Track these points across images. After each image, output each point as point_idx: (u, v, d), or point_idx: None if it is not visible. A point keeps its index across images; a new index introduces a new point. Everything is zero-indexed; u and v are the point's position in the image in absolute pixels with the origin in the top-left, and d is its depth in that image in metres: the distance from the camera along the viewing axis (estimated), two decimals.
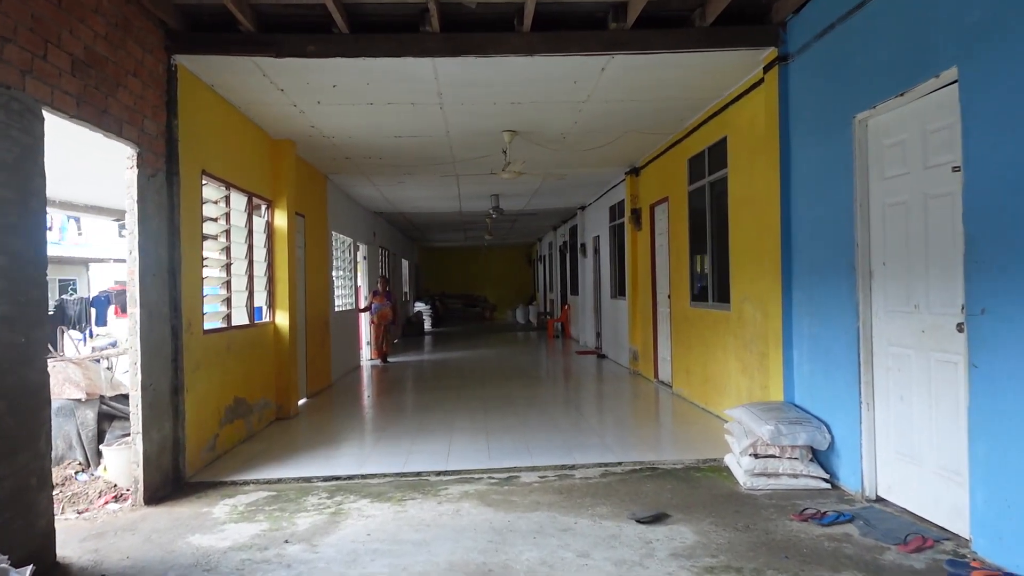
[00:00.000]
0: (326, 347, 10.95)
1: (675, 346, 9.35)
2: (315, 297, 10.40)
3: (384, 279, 15.13)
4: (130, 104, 5.01)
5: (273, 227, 8.37)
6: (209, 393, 6.26)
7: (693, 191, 8.58)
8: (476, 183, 12.47)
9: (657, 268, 10.47)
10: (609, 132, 8.66)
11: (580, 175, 12.18)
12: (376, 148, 9.25)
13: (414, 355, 16.29)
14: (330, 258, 11.60)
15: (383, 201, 14.73)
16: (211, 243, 6.68)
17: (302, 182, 9.72)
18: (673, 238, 9.38)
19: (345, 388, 11.03)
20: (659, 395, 9.50)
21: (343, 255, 13.29)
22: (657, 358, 10.48)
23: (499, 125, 8.18)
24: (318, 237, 10.75)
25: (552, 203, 16.02)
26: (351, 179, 11.72)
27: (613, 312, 13.65)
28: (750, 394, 6.71)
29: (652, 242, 10.63)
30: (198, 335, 6.04)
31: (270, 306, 8.27)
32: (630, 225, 11.49)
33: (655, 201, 10.34)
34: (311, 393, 9.90)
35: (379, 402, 9.89)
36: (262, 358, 7.84)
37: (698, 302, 8.45)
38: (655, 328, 10.52)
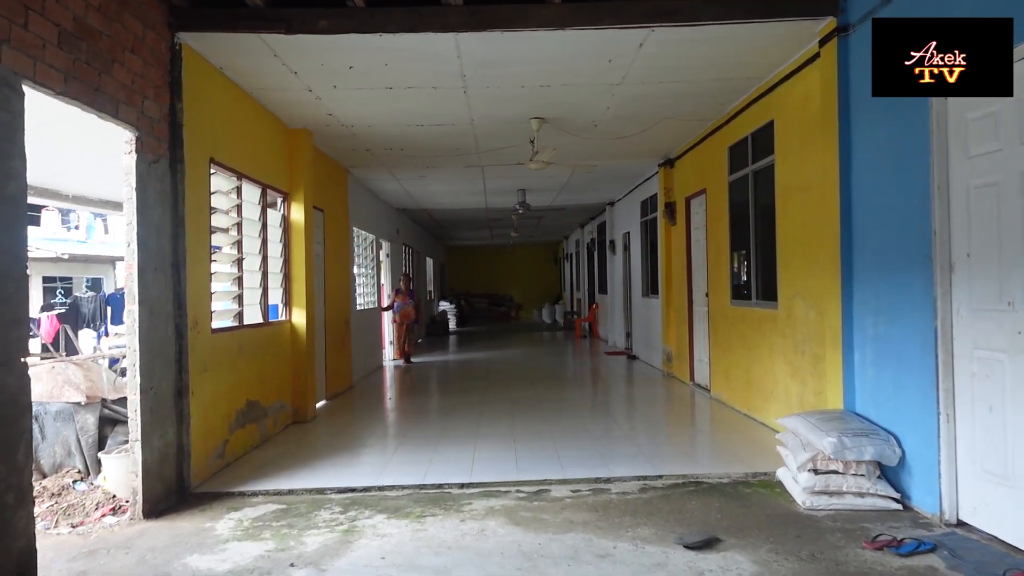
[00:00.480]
0: (346, 347, 10.56)
1: (713, 347, 8.78)
2: (335, 295, 10.01)
3: (407, 277, 14.73)
4: (128, 83, 4.60)
5: (289, 221, 7.97)
6: (218, 396, 5.86)
7: (734, 181, 8.02)
8: (502, 176, 11.99)
9: (693, 264, 9.90)
10: (643, 119, 8.13)
11: (610, 168, 11.65)
12: (397, 138, 8.82)
13: (438, 355, 15.87)
14: (351, 255, 11.21)
15: (406, 197, 14.33)
16: (221, 236, 6.29)
17: (321, 175, 9.33)
18: (711, 232, 8.82)
19: (366, 390, 10.63)
20: (696, 399, 8.93)
21: (365, 252, 12.90)
22: (693, 360, 9.91)
23: (526, 112, 7.69)
24: (338, 233, 10.36)
25: (580, 199, 15.49)
26: (372, 173, 11.31)
27: (645, 311, 13.08)
28: (802, 401, 6.15)
29: (688, 237, 10.06)
30: (206, 334, 5.64)
31: (286, 304, 7.88)
32: (663, 220, 10.93)
33: (691, 194, 9.78)
34: (330, 395, 9.51)
35: (401, 405, 9.46)
36: (277, 359, 7.45)
37: (740, 300, 7.88)
38: (691, 328, 9.95)
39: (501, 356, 15.24)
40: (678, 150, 10.19)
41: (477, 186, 13.02)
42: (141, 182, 4.76)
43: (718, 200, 8.50)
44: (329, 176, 9.89)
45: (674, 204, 10.57)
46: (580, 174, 12.06)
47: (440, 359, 15.04)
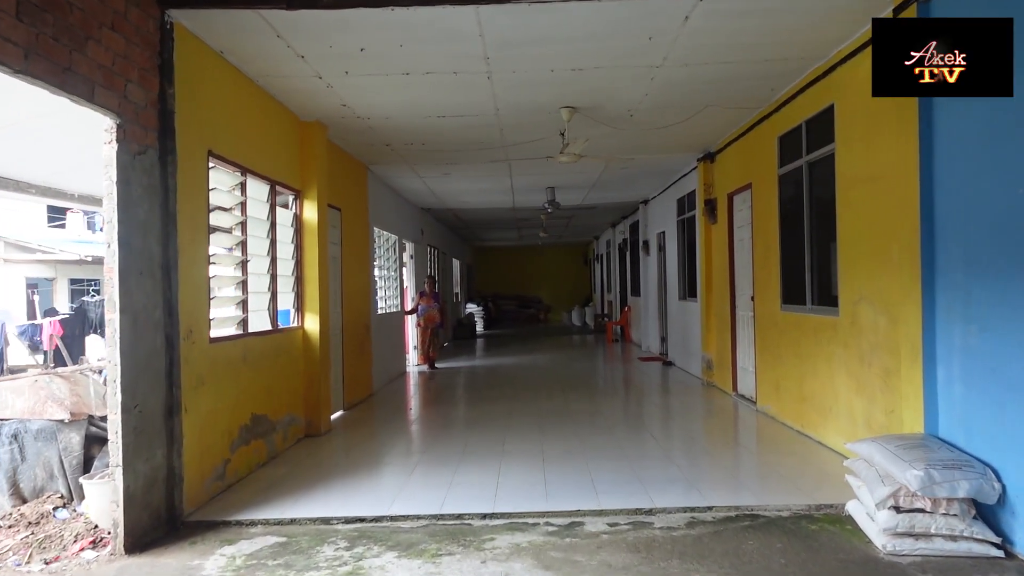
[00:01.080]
0: (366, 353, 10.03)
1: (760, 355, 8.06)
2: (354, 298, 9.48)
3: (431, 279, 14.17)
4: (106, 64, 4.09)
5: (302, 220, 7.45)
6: (217, 412, 5.33)
7: (785, 175, 7.29)
8: (530, 172, 11.38)
9: (736, 266, 9.18)
10: (684, 107, 7.45)
11: (645, 163, 10.96)
12: (417, 131, 8.26)
13: (464, 360, 15.31)
14: (371, 256, 10.69)
15: (430, 195, 13.78)
16: (223, 237, 5.77)
17: (337, 172, 8.81)
18: (758, 231, 8.10)
19: (387, 399, 10.08)
20: (740, 412, 8.22)
21: (387, 253, 12.38)
22: (736, 368, 9.19)
23: (556, 100, 7.07)
24: (357, 233, 9.84)
25: (612, 197, 14.81)
26: (393, 170, 10.78)
27: (681, 315, 12.36)
28: (869, 420, 5.43)
29: (730, 236, 9.35)
30: (202, 344, 5.12)
31: (298, 309, 7.36)
32: (703, 218, 10.21)
33: (734, 189, 9.06)
34: (348, 404, 8.98)
35: (422, 415, 8.89)
36: (288, 368, 6.92)
37: (792, 305, 7.16)
38: (733, 334, 9.23)
39: (529, 361, 14.62)
40: (719, 143, 9.47)
41: (504, 183, 12.42)
42: (124, 175, 4.24)
43: (766, 195, 7.78)
44: (346, 173, 9.38)
45: (715, 201, 9.86)
46: (612, 170, 11.40)
47: (466, 364, 14.47)
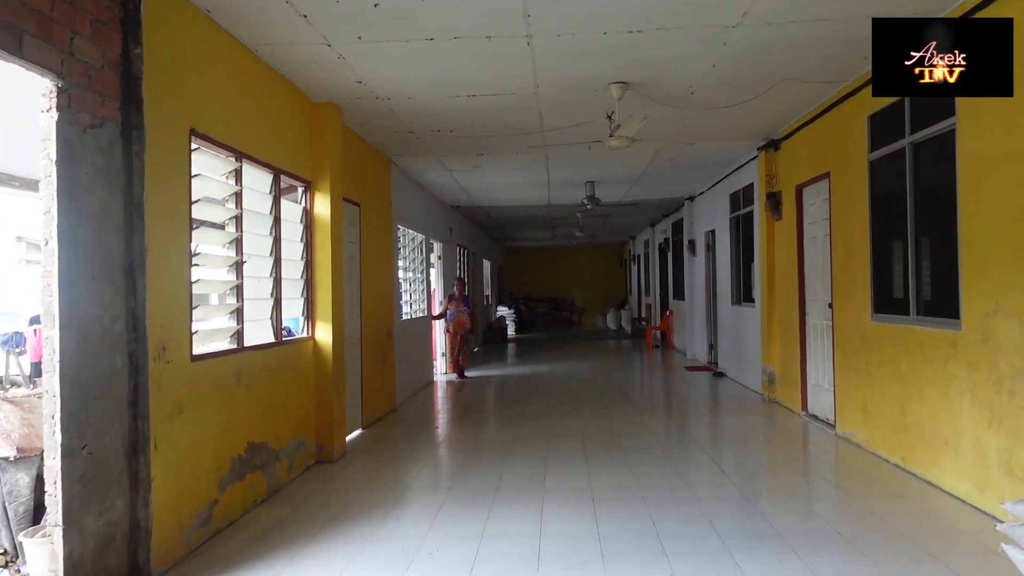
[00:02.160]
0: (388, 363, 9.09)
1: (840, 372, 6.93)
2: (374, 303, 8.55)
3: (460, 282, 13.16)
4: (42, 9, 3.17)
5: (312, 216, 6.52)
6: (201, 444, 4.41)
7: (878, 160, 6.16)
8: (568, 165, 10.35)
9: (807, 267, 8.04)
10: (756, 82, 6.36)
11: (696, 153, 9.87)
12: (445, 115, 7.28)
13: (496, 368, 14.32)
14: (394, 257, 9.75)
15: (460, 192, 12.83)
16: (212, 233, 4.85)
17: (355, 163, 7.88)
18: (838, 227, 6.96)
19: (411, 414, 9.13)
20: (817, 438, 7.08)
21: (412, 254, 11.45)
22: (806, 384, 8.05)
23: (606, 73, 6.04)
24: (379, 231, 8.91)
25: (656, 193, 13.70)
26: (419, 162, 9.82)
27: (735, 322, 11.21)
28: (1009, 462, 4.29)
29: (799, 234, 8.21)
30: (181, 363, 4.19)
31: (308, 317, 6.43)
32: (764, 214, 9.08)
33: (805, 180, 7.92)
34: (367, 422, 8.04)
35: (450, 436, 7.90)
36: (295, 386, 6.00)
37: (888, 314, 6.02)
38: (803, 345, 8.09)
39: (565, 370, 13.57)
40: (786, 128, 8.34)
41: (539, 177, 11.40)
42: (68, 152, 3.32)
43: (851, 185, 6.64)
44: (367, 165, 8.45)
45: (779, 195, 8.73)
46: (660, 162, 10.32)
47: (497, 373, 13.48)
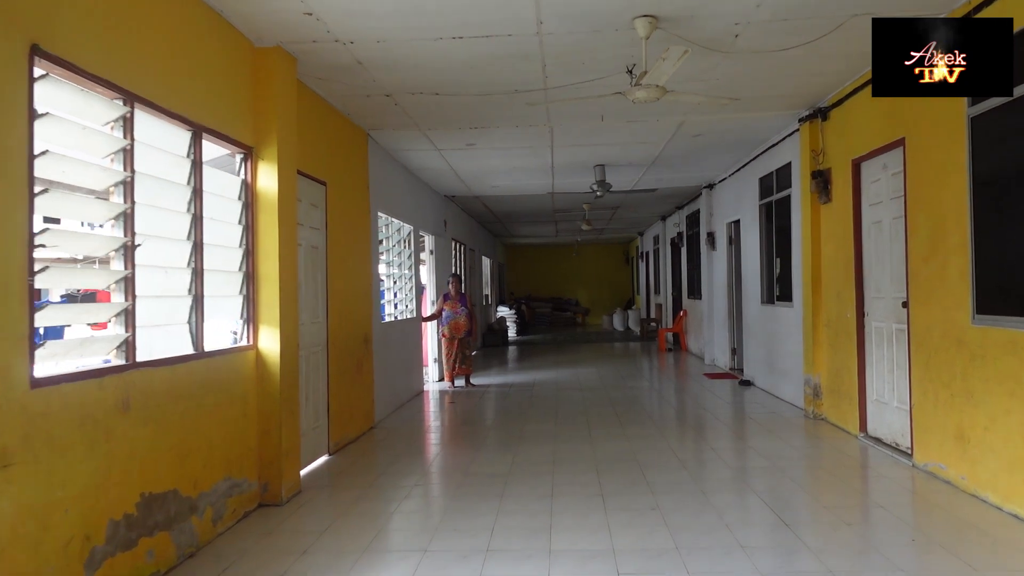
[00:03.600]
0: (365, 374, 7.71)
1: (922, 386, 5.54)
2: (347, 303, 7.18)
3: (456, 278, 11.69)
4: None
5: (255, 191, 5.14)
6: (50, 511, 3.02)
7: (983, 116, 4.75)
8: (576, 143, 8.97)
9: (868, 258, 6.65)
10: (818, 19, 4.97)
11: (723, 130, 8.50)
12: (425, 68, 5.90)
13: (495, 374, 12.93)
14: (375, 249, 8.37)
15: (453, 179, 11.44)
16: (79, 202, 3.47)
17: (320, 132, 6.51)
18: (920, 206, 5.57)
19: (392, 433, 7.74)
20: (889, 472, 5.68)
21: (398, 247, 10.07)
22: (865, 400, 6.66)
23: (629, 6, 4.66)
24: (353, 218, 7.53)
25: (670, 179, 12.30)
26: (403, 138, 8.44)
27: (766, 323, 9.82)
28: None
29: (856, 218, 6.81)
30: (14, 392, 2.81)
31: (249, 321, 5.05)
32: (809, 196, 7.69)
33: (866, 153, 6.53)
34: (336, 446, 6.67)
35: (437, 463, 6.50)
36: (226, 410, 4.61)
37: (999, 316, 4.62)
38: (862, 352, 6.70)
39: (572, 377, 12.17)
40: (837, 92, 6.95)
41: (542, 160, 10.01)
42: None
43: (940, 152, 5.25)
44: (336, 137, 7.07)
45: (827, 173, 7.33)
46: (679, 141, 8.93)
47: (498, 380, 12.08)
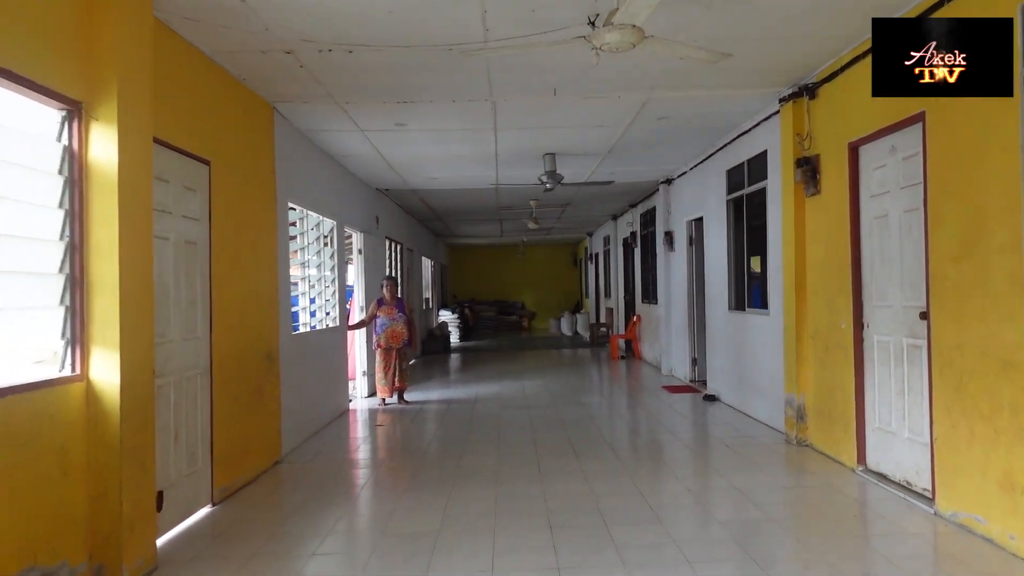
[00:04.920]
0: (267, 399, 6.32)
1: (948, 417, 4.51)
2: (241, 313, 5.79)
3: (391, 281, 10.25)
4: None
5: (84, 163, 3.74)
6: None
7: None
8: (524, 124, 7.76)
9: (869, 259, 5.63)
10: None
11: (691, 113, 7.45)
12: (330, 11, 4.59)
13: (433, 388, 11.62)
14: (282, 246, 6.97)
15: (384, 168, 10.09)
16: None
17: (195, 93, 5.14)
18: (947, 194, 4.54)
19: (301, 471, 6.35)
20: (908, 522, 4.62)
21: (316, 244, 8.67)
22: (864, 427, 5.64)
23: None
24: (251, 207, 6.15)
25: (627, 171, 11.19)
26: (318, 115, 7.06)
27: (733, 332, 8.80)
28: None
29: (854, 212, 5.78)
30: None
31: (73, 343, 3.65)
32: (792, 188, 6.66)
33: (870, 133, 5.49)
34: (224, 493, 5.27)
35: (349, 520, 5.13)
36: (25, 471, 3.22)
37: None
38: (859, 370, 5.68)
39: (518, 391, 10.95)
40: (833, 62, 5.93)
41: (485, 145, 8.77)
42: None
43: (972, 127, 4.21)
44: (223, 104, 5.68)
45: (816, 160, 6.31)
46: (643, 124, 7.82)
47: (435, 395, 10.77)
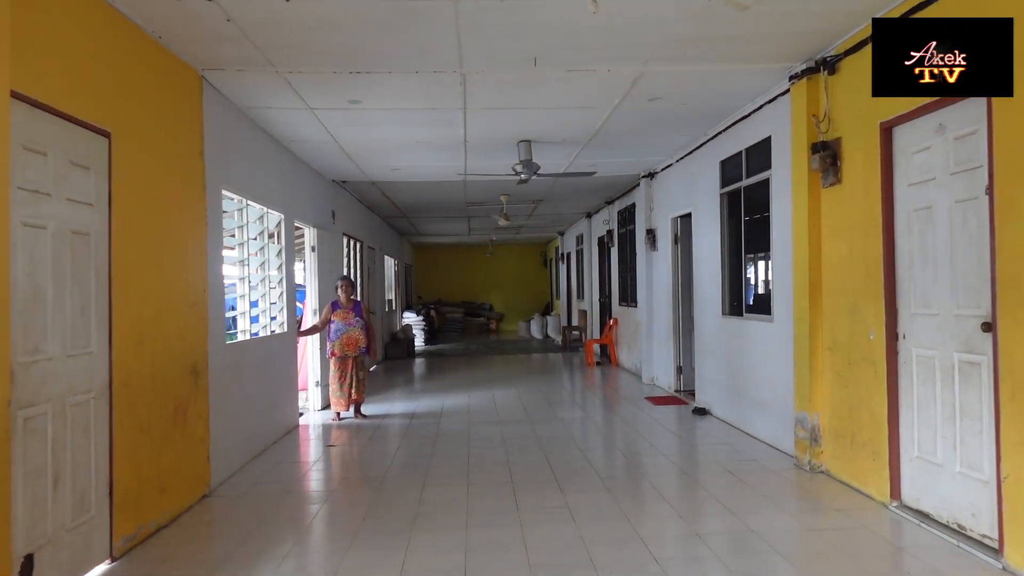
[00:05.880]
0: (192, 422, 5.26)
1: (1021, 451, 3.68)
2: (157, 320, 4.74)
3: (347, 282, 9.15)
4: None
5: None
6: None
7: None
8: (498, 103, 6.81)
9: (907, 258, 4.80)
10: None
11: (689, 89, 6.59)
12: None
13: (397, 398, 10.59)
14: (213, 240, 5.91)
15: (339, 156, 9.04)
16: None
17: (83, 43, 4.07)
18: (1018, 181, 3.72)
19: (232, 508, 5.29)
20: (958, 574, 3.80)
21: (260, 240, 7.60)
22: (898, 457, 4.81)
23: None
24: (169, 193, 5.09)
25: (608, 163, 10.30)
26: (256, 85, 5.99)
27: (729, 339, 7.96)
28: None
29: (887, 203, 4.94)
30: None
31: None
32: (806, 178, 5.82)
33: (903, 113, 4.64)
34: (129, 541, 4.22)
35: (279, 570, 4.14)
36: None
37: None
38: (893, 387, 4.85)
39: (488, 402, 9.99)
40: (859, 31, 5.10)
41: (453, 129, 7.77)
42: None
43: None
44: (128, 64, 4.60)
45: (836, 144, 5.49)
46: (632, 105, 6.94)
47: (397, 408, 9.74)
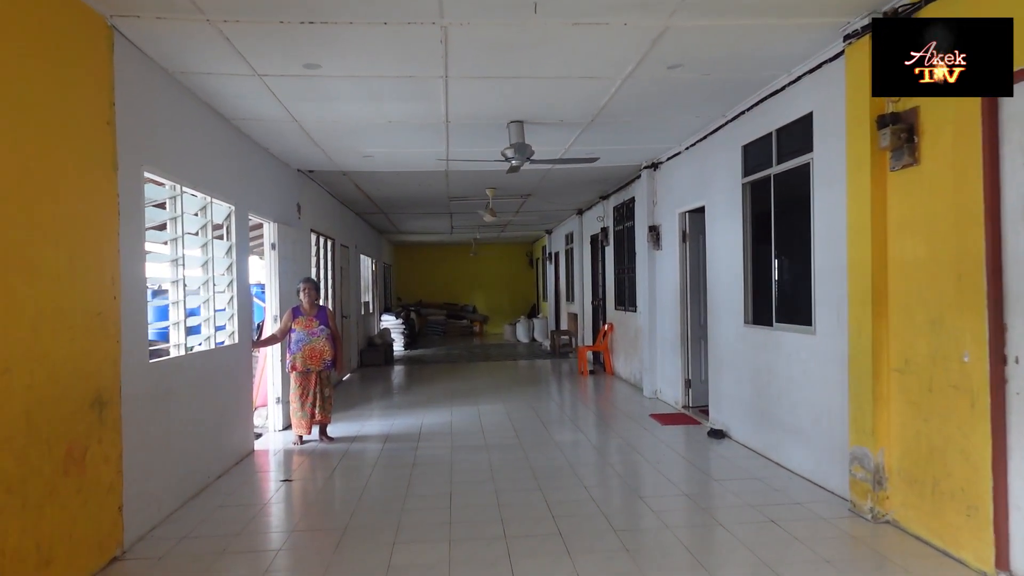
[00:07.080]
0: (92, 469, 4.05)
1: None
2: (30, 341, 3.54)
3: (311, 286, 7.92)
4: None
5: None
6: None
7: None
8: (487, 66, 5.65)
9: (1018, 261, 3.72)
10: None
11: (716, 54, 5.49)
12: None
13: (370, 414, 9.39)
14: (129, 233, 4.69)
15: (302, 139, 7.83)
16: None
17: None
18: None
19: (149, 571, 4.13)
20: None
21: (203, 235, 6.37)
22: (1006, 515, 3.73)
23: None
24: (53, 169, 3.88)
25: (610, 150, 9.17)
26: (186, 40, 4.77)
27: (754, 352, 6.86)
28: None
29: (991, 190, 3.86)
30: None
31: None
32: (868, 159, 4.73)
33: (1018, 69, 3.59)
34: None
35: None
36: None
37: None
38: (999, 425, 3.76)
39: (474, 421, 8.82)
40: None
41: (433, 102, 6.57)
42: None
43: None
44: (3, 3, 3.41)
45: (911, 116, 4.40)
46: (648, 73, 5.83)
47: (369, 427, 8.54)
